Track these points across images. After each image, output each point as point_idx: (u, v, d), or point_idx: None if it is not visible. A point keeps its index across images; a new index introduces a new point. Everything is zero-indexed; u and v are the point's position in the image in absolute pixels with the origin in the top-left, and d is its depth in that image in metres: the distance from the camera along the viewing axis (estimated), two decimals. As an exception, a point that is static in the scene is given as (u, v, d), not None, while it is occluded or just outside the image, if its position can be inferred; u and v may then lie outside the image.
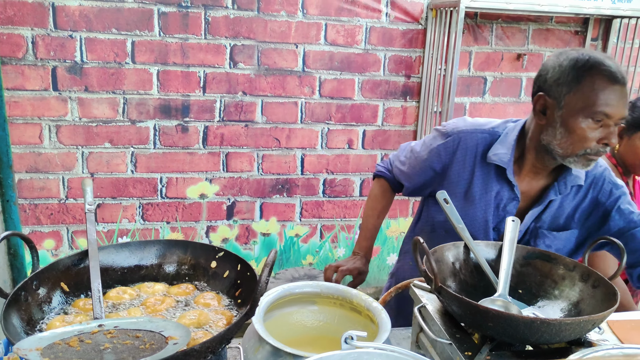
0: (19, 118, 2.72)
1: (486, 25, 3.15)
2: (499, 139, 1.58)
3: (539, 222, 1.59)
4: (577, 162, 1.45)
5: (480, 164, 1.59)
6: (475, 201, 1.60)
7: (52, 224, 2.89)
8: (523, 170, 1.58)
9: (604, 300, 1.13)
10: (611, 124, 1.39)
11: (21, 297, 0.99)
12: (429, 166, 1.69)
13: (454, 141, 1.62)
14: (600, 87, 1.37)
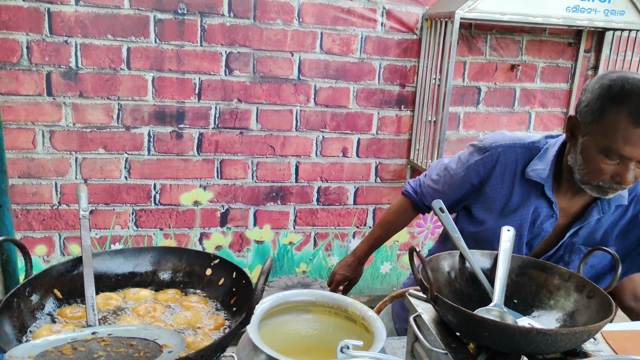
0: (13, 123, 2.70)
1: (480, 35, 3.17)
2: (539, 155, 1.53)
3: (575, 237, 1.55)
4: (592, 190, 1.41)
5: (519, 179, 1.55)
6: (513, 218, 1.56)
7: (45, 230, 2.87)
8: (562, 187, 1.53)
9: (599, 310, 1.13)
10: (630, 163, 1.32)
11: (13, 303, 0.98)
12: (466, 182, 1.63)
13: (493, 156, 1.57)
14: (622, 126, 1.28)
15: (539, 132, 3.45)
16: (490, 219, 1.58)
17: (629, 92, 1.28)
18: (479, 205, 1.62)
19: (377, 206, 3.34)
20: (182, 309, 1.11)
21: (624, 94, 1.28)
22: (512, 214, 1.56)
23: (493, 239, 1.52)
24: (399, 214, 1.88)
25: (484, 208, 1.60)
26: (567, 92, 3.40)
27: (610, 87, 1.32)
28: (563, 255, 1.58)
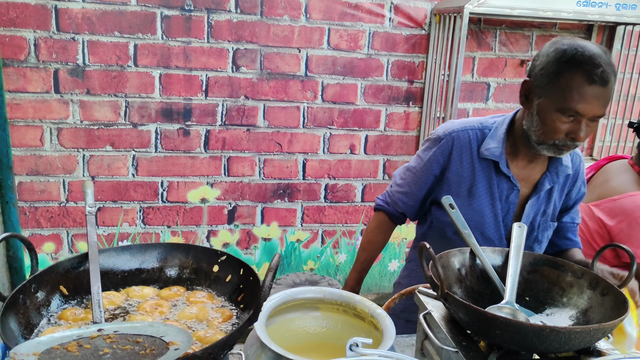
0: (20, 120, 2.70)
1: (490, 31, 3.14)
2: (490, 134, 1.62)
3: (545, 217, 1.65)
4: (548, 150, 1.50)
5: (477, 159, 1.62)
6: (481, 196, 1.62)
7: (52, 227, 2.87)
8: (518, 160, 1.62)
9: (614, 308, 1.11)
10: (583, 120, 1.41)
11: (19, 300, 0.97)
12: (430, 174, 1.69)
13: (448, 142, 1.64)
14: (577, 85, 1.38)
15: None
16: (461, 204, 1.62)
17: (582, 55, 1.38)
18: (446, 194, 1.65)
19: (385, 203, 3.32)
20: (188, 304, 1.10)
21: (579, 56, 1.38)
22: (479, 193, 1.63)
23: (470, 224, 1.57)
24: (378, 231, 1.88)
25: (451, 194, 1.63)
26: (577, 87, 3.36)
27: (565, 51, 1.41)
28: (537, 236, 1.67)
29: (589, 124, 1.43)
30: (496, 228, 1.63)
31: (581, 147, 3.44)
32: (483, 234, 1.64)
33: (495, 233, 1.64)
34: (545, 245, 1.73)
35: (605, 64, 1.39)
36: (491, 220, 1.63)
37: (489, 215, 1.63)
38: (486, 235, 1.64)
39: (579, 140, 1.44)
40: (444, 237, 1.71)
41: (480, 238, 1.63)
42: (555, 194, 1.67)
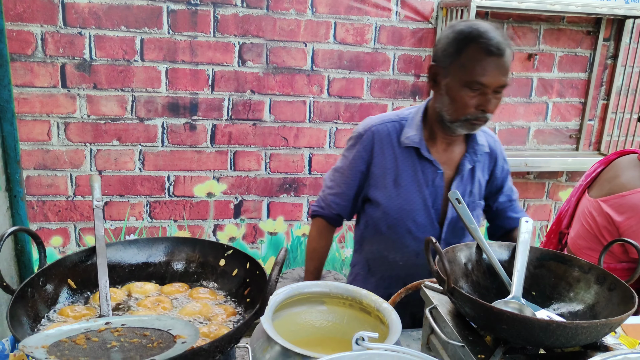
0: (28, 115, 2.72)
1: (497, 24, 3.12)
2: (407, 123, 1.69)
3: (472, 197, 1.72)
4: (462, 127, 1.57)
5: (399, 149, 1.68)
6: (407, 185, 1.67)
7: (60, 221, 2.89)
8: (437, 144, 1.68)
9: (621, 303, 1.11)
10: (489, 92, 1.49)
11: (28, 293, 0.97)
12: (356, 172, 1.74)
13: (368, 137, 1.70)
14: (477, 58, 1.47)
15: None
16: (389, 195, 1.68)
17: (477, 31, 1.49)
18: (374, 188, 1.72)
19: (391, 198, 3.31)
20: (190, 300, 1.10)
21: (474, 33, 1.49)
22: (407, 183, 1.67)
23: (401, 215, 1.67)
24: (320, 237, 1.89)
25: (378, 188, 1.69)
26: (585, 81, 3.34)
27: (462, 30, 1.52)
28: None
29: (495, 96, 1.52)
30: (427, 213, 1.68)
31: (588, 142, 3.42)
32: (415, 221, 1.68)
33: (427, 218, 1.68)
34: (477, 225, 1.75)
35: (499, 37, 1.49)
36: (420, 206, 1.67)
37: (418, 201, 1.67)
38: (418, 222, 1.68)
39: (489, 111, 1.52)
40: (379, 233, 1.75)
41: (413, 225, 1.68)
42: (479, 173, 1.73)
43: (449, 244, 1.70)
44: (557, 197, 3.49)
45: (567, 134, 3.43)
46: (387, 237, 1.72)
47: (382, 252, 1.76)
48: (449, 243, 1.71)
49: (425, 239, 1.12)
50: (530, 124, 3.36)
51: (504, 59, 1.48)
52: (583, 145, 3.44)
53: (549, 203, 3.52)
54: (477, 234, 1.32)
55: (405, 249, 1.71)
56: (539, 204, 3.52)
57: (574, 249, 2.08)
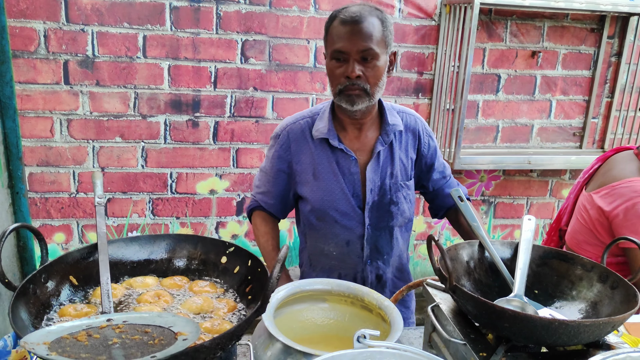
0: (31, 111, 2.72)
1: (500, 21, 3.11)
2: (318, 117, 1.73)
3: (393, 178, 1.73)
4: (341, 101, 1.59)
5: (313, 144, 1.71)
6: (325, 176, 1.70)
7: (63, 218, 2.89)
8: (348, 132, 1.71)
9: (624, 301, 1.10)
10: (350, 58, 1.53)
11: (29, 290, 0.98)
12: (279, 172, 1.77)
13: (284, 137, 1.75)
14: (335, 30, 1.55)
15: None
16: (311, 188, 1.72)
17: (340, 9, 1.58)
18: (299, 185, 1.75)
19: (394, 195, 3.31)
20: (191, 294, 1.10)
21: (337, 11, 1.59)
22: (324, 174, 1.70)
23: (324, 206, 1.71)
24: (264, 222, 1.87)
25: (302, 184, 1.73)
26: (589, 79, 3.32)
27: (330, 15, 1.61)
28: (392, 198, 1.74)
29: (364, 64, 1.54)
30: (347, 201, 1.70)
31: (591, 140, 3.41)
32: (338, 210, 1.71)
33: (348, 206, 1.71)
34: (406, 206, 1.78)
35: (357, 8, 1.55)
36: (340, 195, 1.70)
37: (337, 191, 1.70)
38: (341, 210, 1.71)
39: (351, 75, 1.53)
40: (312, 227, 1.78)
41: (337, 214, 1.71)
42: (398, 153, 1.74)
43: (376, 228, 1.74)
44: (561, 195, 3.49)
45: (571, 132, 3.42)
46: (319, 229, 1.75)
47: (319, 245, 1.78)
48: (376, 228, 1.74)
49: (427, 237, 1.11)
50: (534, 122, 3.35)
51: (360, 26, 1.52)
52: (587, 143, 3.42)
53: (552, 201, 3.51)
54: (479, 231, 1.31)
55: (337, 239, 1.74)
56: (542, 202, 3.51)
57: (571, 244, 2.09)
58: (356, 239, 1.74)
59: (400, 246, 1.82)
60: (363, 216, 1.72)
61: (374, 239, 1.75)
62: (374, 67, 1.55)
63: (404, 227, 1.83)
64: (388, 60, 1.62)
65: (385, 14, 1.60)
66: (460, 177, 3.36)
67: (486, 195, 3.43)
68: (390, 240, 1.78)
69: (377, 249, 1.76)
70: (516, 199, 3.48)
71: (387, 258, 1.79)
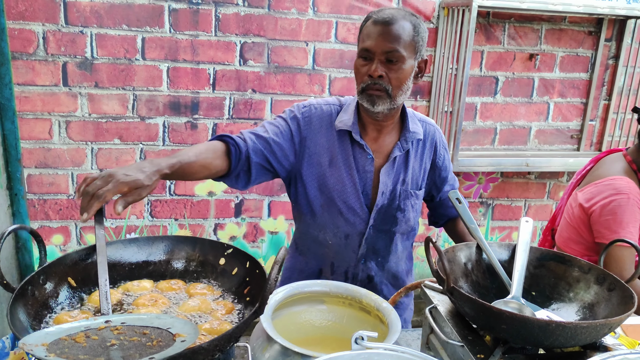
0: (29, 113, 2.72)
1: (498, 24, 3.12)
2: (343, 109, 1.71)
3: (404, 185, 1.73)
4: (363, 100, 1.59)
5: (336, 132, 1.69)
6: (341, 166, 1.68)
7: (61, 220, 2.89)
8: (368, 132, 1.70)
9: (621, 303, 1.11)
10: (374, 57, 1.54)
11: (28, 291, 0.98)
12: (289, 132, 1.68)
13: (309, 112, 1.71)
14: (366, 30, 1.57)
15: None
16: (323, 173, 1.70)
17: (375, 11, 1.59)
18: (308, 165, 1.71)
19: (392, 197, 3.32)
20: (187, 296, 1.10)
21: (372, 12, 1.60)
22: (341, 165, 1.69)
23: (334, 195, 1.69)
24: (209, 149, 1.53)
25: (314, 165, 1.70)
26: (587, 82, 3.33)
27: (366, 16, 1.61)
28: (400, 204, 1.73)
29: (388, 65, 1.54)
30: (357, 197, 1.69)
31: (589, 142, 3.42)
32: (346, 202, 1.70)
33: (357, 202, 1.70)
34: (412, 215, 1.78)
35: (391, 11, 1.56)
36: (352, 189, 1.69)
37: (349, 184, 1.69)
38: (349, 204, 1.70)
39: (373, 74, 1.53)
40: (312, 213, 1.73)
41: (344, 207, 1.70)
42: (412, 161, 1.74)
43: (378, 230, 1.73)
44: (558, 197, 3.49)
45: (569, 134, 3.43)
46: (320, 216, 1.73)
47: (313, 232, 1.76)
48: (378, 229, 1.73)
49: (425, 238, 1.12)
50: (532, 124, 3.36)
51: (390, 27, 1.53)
52: (584, 145, 3.43)
53: (550, 203, 3.52)
54: (477, 233, 1.32)
55: (337, 230, 1.73)
56: (540, 204, 3.51)
57: (559, 243, 2.12)
58: (356, 235, 1.73)
59: (398, 253, 1.81)
60: (369, 216, 1.71)
61: (373, 240, 1.75)
62: (399, 70, 1.55)
63: (406, 235, 1.82)
64: (416, 66, 1.60)
65: (420, 21, 1.59)
66: (458, 179, 3.37)
67: (484, 197, 3.44)
68: (389, 244, 1.77)
69: (374, 250, 1.76)
70: (514, 201, 3.48)
71: (382, 261, 1.79)
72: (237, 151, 1.58)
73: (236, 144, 1.59)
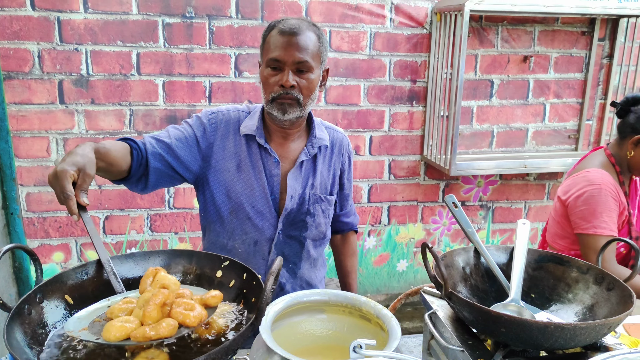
0: (27, 132, 2.73)
1: (491, 27, 3.13)
2: (249, 115, 1.74)
3: (313, 190, 1.75)
4: (273, 109, 1.60)
5: (243, 138, 1.70)
6: (248, 170, 1.69)
7: (61, 237, 2.89)
8: (274, 138, 1.72)
9: (620, 303, 1.10)
10: (285, 68, 1.56)
11: (24, 310, 0.97)
12: (194, 137, 1.67)
13: (216, 117, 1.72)
14: (272, 39, 1.58)
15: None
16: (231, 178, 1.70)
17: (279, 20, 1.61)
18: (214, 170, 1.71)
19: (392, 204, 3.32)
20: None
21: (276, 21, 1.61)
22: (249, 170, 1.69)
23: (242, 200, 1.69)
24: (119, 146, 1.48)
25: (221, 172, 1.70)
26: (582, 81, 3.34)
27: (268, 25, 1.63)
28: (309, 208, 1.74)
29: (300, 75, 1.57)
30: (265, 201, 1.69)
31: (587, 142, 3.42)
32: (254, 207, 1.70)
33: (265, 206, 1.70)
34: (322, 220, 1.79)
35: (296, 21, 1.59)
36: (260, 192, 1.69)
37: (258, 188, 1.69)
38: (257, 208, 1.70)
39: (285, 85, 1.55)
40: (220, 220, 1.72)
41: (252, 211, 1.69)
42: (320, 166, 1.76)
43: (287, 236, 1.73)
44: (558, 198, 3.49)
45: (566, 135, 3.43)
46: (228, 223, 1.72)
47: (222, 240, 1.75)
48: (287, 235, 1.73)
49: (421, 244, 1.12)
50: (529, 126, 3.36)
51: (298, 38, 1.55)
52: (582, 145, 3.43)
53: (550, 204, 3.51)
54: (474, 237, 1.32)
55: (245, 236, 1.72)
56: (540, 206, 3.51)
57: (548, 239, 2.18)
58: (265, 241, 1.72)
59: (310, 260, 1.81)
60: (277, 220, 1.71)
61: (282, 246, 1.74)
62: (308, 79, 1.59)
63: (319, 241, 1.82)
64: (321, 75, 1.65)
65: (321, 31, 1.64)
66: (457, 183, 3.37)
67: (484, 200, 3.43)
68: (300, 251, 1.77)
69: (284, 257, 1.75)
70: (514, 203, 3.48)
71: (294, 268, 1.78)
72: (138, 155, 1.54)
73: (138, 147, 1.54)
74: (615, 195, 1.91)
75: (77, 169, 1.15)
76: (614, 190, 1.91)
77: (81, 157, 1.18)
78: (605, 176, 1.93)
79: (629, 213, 1.96)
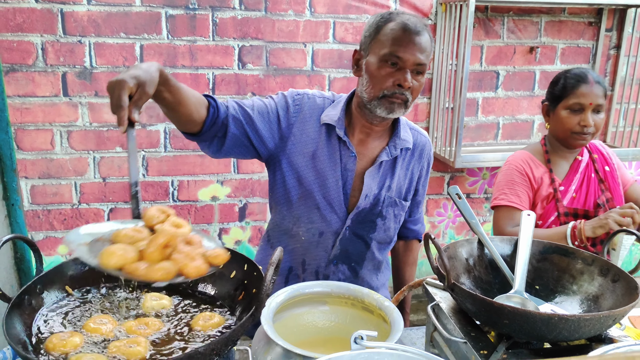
0: (30, 124, 2.73)
1: (497, 18, 3.10)
2: (332, 104, 1.67)
3: (389, 192, 1.70)
4: (380, 105, 1.54)
5: (324, 127, 1.65)
6: (324, 160, 1.65)
7: (66, 229, 2.90)
8: (356, 133, 1.66)
9: (625, 294, 1.09)
10: (405, 67, 1.50)
11: (25, 301, 0.97)
12: (276, 113, 1.63)
13: (301, 99, 1.66)
14: (394, 33, 1.50)
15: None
16: (306, 163, 1.66)
17: (396, 14, 1.55)
18: (292, 153, 1.66)
19: (396, 196, 3.30)
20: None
21: (393, 15, 1.54)
22: (325, 159, 1.65)
23: (313, 188, 1.65)
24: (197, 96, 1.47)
25: (296, 155, 1.66)
26: (589, 73, 3.30)
27: (382, 15, 1.56)
28: (382, 210, 1.70)
29: (414, 76, 1.52)
30: (337, 194, 1.65)
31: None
32: (325, 197, 1.65)
33: (336, 199, 1.65)
34: (392, 224, 1.75)
35: (415, 18, 1.53)
36: (333, 184, 1.65)
37: (331, 179, 1.65)
38: (327, 199, 1.65)
39: (405, 86, 1.49)
40: (288, 203, 1.69)
41: (322, 202, 1.65)
42: (399, 169, 1.70)
43: (354, 233, 1.69)
44: (564, 190, 3.46)
45: (572, 127, 3.40)
46: (296, 208, 1.67)
47: (286, 224, 1.71)
48: (354, 233, 1.69)
49: (424, 235, 1.11)
50: (534, 118, 3.34)
51: (420, 38, 1.50)
52: (589, 137, 3.40)
53: (556, 197, 3.48)
54: (478, 229, 1.30)
55: (311, 225, 1.68)
56: (546, 198, 3.48)
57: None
58: (331, 234, 1.68)
59: (374, 262, 1.77)
60: (346, 216, 1.67)
61: (347, 243, 1.69)
62: (420, 82, 1.54)
63: (384, 245, 1.77)
64: None
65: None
66: (462, 176, 3.35)
67: (489, 192, 3.41)
68: (365, 251, 1.73)
69: (347, 254, 1.71)
70: (520, 196, 3.45)
71: (356, 267, 1.74)
72: (215, 112, 1.51)
73: (217, 106, 1.52)
74: (522, 170, 1.98)
75: (137, 84, 1.16)
76: (521, 166, 1.99)
77: (144, 73, 1.19)
78: (518, 154, 2.04)
79: (554, 189, 1.97)
